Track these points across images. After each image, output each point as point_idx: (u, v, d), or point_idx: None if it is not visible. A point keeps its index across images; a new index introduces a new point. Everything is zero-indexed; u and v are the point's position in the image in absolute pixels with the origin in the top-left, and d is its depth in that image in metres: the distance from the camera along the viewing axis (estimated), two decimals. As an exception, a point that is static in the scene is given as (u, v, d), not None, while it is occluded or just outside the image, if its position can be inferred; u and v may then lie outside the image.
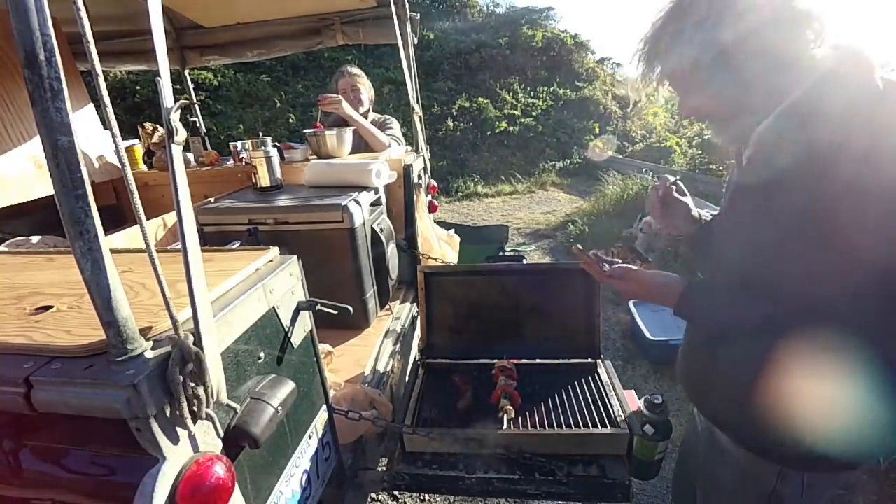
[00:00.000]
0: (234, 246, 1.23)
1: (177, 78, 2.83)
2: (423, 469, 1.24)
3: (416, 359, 1.63)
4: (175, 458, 0.61)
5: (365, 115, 2.71)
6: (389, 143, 2.44)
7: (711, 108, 0.86)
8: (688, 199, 1.13)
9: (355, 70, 2.69)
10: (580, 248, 1.07)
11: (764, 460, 0.91)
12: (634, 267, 1.01)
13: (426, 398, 1.43)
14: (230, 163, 2.42)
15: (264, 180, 1.97)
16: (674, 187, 1.12)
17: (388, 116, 2.71)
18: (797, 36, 0.73)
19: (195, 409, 0.62)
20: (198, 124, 2.74)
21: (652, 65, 0.84)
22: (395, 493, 2.14)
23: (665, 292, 0.92)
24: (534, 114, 10.51)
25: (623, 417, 1.26)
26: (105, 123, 1.22)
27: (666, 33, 0.80)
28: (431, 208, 2.68)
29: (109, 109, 0.53)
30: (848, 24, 0.73)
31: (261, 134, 2.07)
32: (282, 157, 2.16)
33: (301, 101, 9.53)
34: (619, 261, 1.05)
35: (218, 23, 2.77)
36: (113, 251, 0.66)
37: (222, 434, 0.70)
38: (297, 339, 0.97)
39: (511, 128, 10.08)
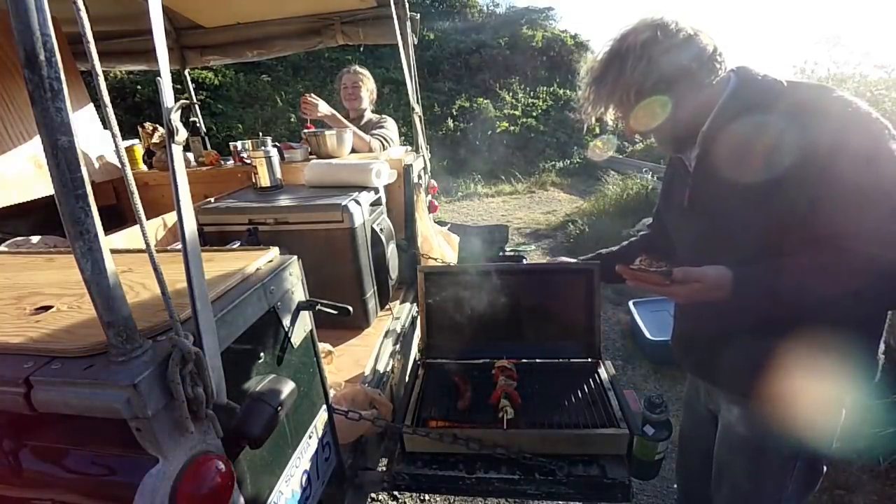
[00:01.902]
0: (234, 246, 1.23)
1: (177, 78, 2.84)
2: (423, 469, 1.24)
3: (416, 359, 1.63)
4: (175, 458, 0.61)
5: (362, 114, 2.71)
6: (370, 140, 2.43)
7: (651, 121, 0.99)
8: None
9: (361, 69, 2.71)
10: (625, 266, 1.00)
11: (787, 432, 1.00)
12: (690, 267, 0.95)
13: (426, 398, 1.43)
14: (230, 163, 2.42)
15: (264, 180, 1.97)
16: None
17: (384, 116, 2.71)
18: (711, 65, 0.93)
19: (195, 409, 0.62)
20: (198, 124, 2.74)
21: (600, 93, 0.98)
22: (395, 493, 2.14)
23: (722, 282, 0.91)
24: (534, 114, 10.51)
25: (623, 417, 1.26)
26: (105, 123, 1.22)
27: (611, 69, 0.95)
28: (431, 208, 2.69)
29: (109, 109, 0.53)
30: (734, 52, 0.97)
31: (261, 134, 2.07)
32: (282, 157, 2.16)
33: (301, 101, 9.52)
34: (664, 265, 0.98)
35: (218, 23, 2.77)
36: (113, 251, 0.66)
37: (222, 434, 0.70)
38: (297, 339, 0.97)
39: (511, 128, 10.09)
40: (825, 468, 1.08)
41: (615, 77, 0.94)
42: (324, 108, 2.38)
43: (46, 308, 0.77)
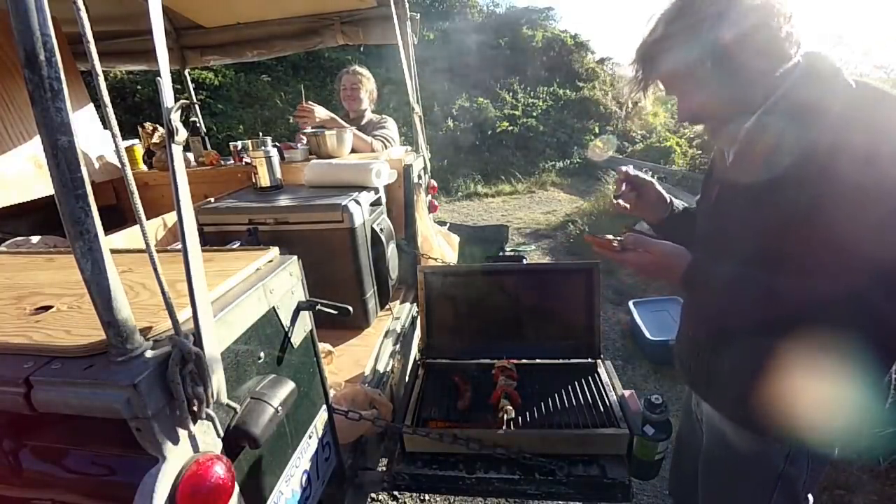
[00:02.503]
0: (234, 246, 1.23)
1: (177, 78, 2.84)
2: (423, 469, 1.24)
3: (416, 359, 1.63)
4: (175, 458, 0.61)
5: (363, 115, 2.71)
6: (372, 142, 2.43)
7: (712, 109, 0.88)
8: (654, 181, 1.15)
9: (361, 69, 2.70)
10: (592, 234, 1.03)
11: (772, 443, 0.94)
12: (643, 236, 0.97)
13: (426, 398, 1.43)
14: (230, 163, 2.42)
15: (264, 180, 1.97)
16: (633, 172, 1.13)
17: (385, 117, 2.71)
18: (783, 37, 0.78)
19: (195, 409, 0.62)
20: (198, 124, 2.74)
21: (650, 67, 0.87)
22: (395, 493, 2.14)
23: (674, 262, 0.91)
24: (534, 114, 10.51)
25: (623, 417, 1.26)
26: (105, 123, 1.22)
27: (666, 35, 0.83)
28: (431, 208, 2.69)
29: (109, 109, 0.53)
30: (807, 30, 0.80)
31: (261, 134, 2.07)
32: (282, 157, 2.16)
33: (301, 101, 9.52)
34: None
35: (218, 23, 2.77)
36: (113, 251, 0.66)
37: (222, 434, 0.70)
38: (297, 339, 0.97)
39: (511, 128, 10.08)
40: (811, 499, 1.00)
41: (671, 41, 0.82)
42: (321, 113, 2.37)
43: (46, 308, 0.77)
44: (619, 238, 0.99)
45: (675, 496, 1.45)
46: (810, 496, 1.00)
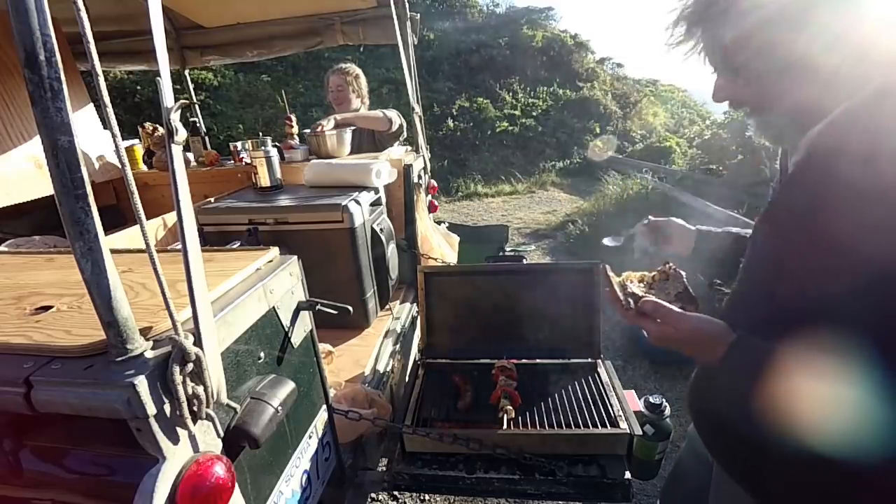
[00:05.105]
0: (234, 246, 1.23)
1: (177, 78, 2.84)
2: (423, 469, 1.24)
3: (416, 359, 1.63)
4: (175, 458, 0.61)
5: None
6: (384, 114, 2.45)
7: (756, 93, 0.72)
8: (672, 219, 1.09)
9: (347, 67, 2.67)
10: (608, 267, 0.87)
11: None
12: (666, 303, 0.78)
13: (426, 398, 1.43)
14: (230, 163, 2.42)
15: (264, 180, 1.97)
16: (648, 220, 1.09)
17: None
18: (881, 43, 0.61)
19: (195, 409, 0.62)
20: (198, 124, 2.74)
21: (694, 30, 0.71)
22: (395, 493, 2.14)
23: (708, 340, 0.72)
24: (534, 114, 10.51)
25: (623, 417, 1.26)
26: (105, 123, 1.22)
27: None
28: (431, 208, 2.68)
29: (109, 109, 0.53)
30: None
31: (261, 134, 2.07)
32: (282, 157, 2.16)
33: (301, 101, 9.54)
34: (647, 294, 0.82)
35: (218, 23, 2.77)
36: (113, 251, 0.66)
37: (222, 434, 0.70)
38: (297, 339, 0.97)
39: (511, 128, 10.09)
40: None
41: (726, 3, 0.66)
42: (331, 125, 2.33)
43: (46, 308, 0.77)
44: (631, 295, 0.81)
45: None
46: None
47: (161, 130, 2.25)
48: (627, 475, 1.19)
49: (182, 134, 0.59)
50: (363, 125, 2.48)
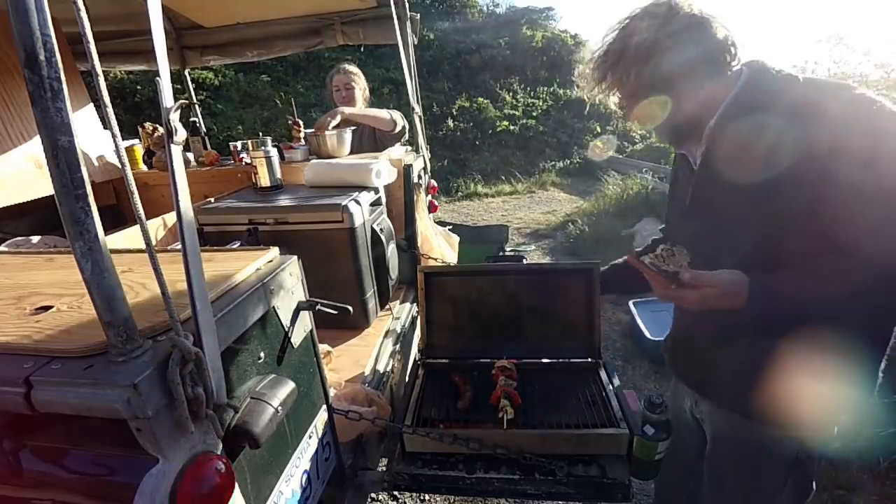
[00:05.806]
0: (234, 246, 1.23)
1: (177, 78, 2.84)
2: (423, 469, 1.24)
3: (416, 359, 1.63)
4: (175, 458, 0.61)
5: None
6: (390, 115, 2.46)
7: (654, 114, 0.97)
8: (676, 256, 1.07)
9: (351, 67, 2.68)
10: (637, 256, 0.95)
11: (785, 433, 0.98)
12: (698, 271, 0.90)
13: (426, 398, 1.43)
14: (230, 163, 2.42)
15: (264, 180, 1.97)
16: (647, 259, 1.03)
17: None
18: (722, 57, 0.90)
19: (195, 409, 0.62)
20: (198, 124, 2.74)
21: (604, 75, 0.96)
22: (395, 493, 2.14)
23: (737, 288, 0.86)
24: (534, 114, 10.52)
25: (623, 417, 1.26)
26: (105, 123, 1.21)
27: (615, 46, 0.93)
28: (431, 208, 2.68)
29: (109, 109, 0.53)
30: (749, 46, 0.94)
31: (261, 134, 2.07)
32: (282, 157, 2.16)
33: (301, 101, 9.54)
34: (676, 267, 0.91)
35: (218, 23, 2.77)
36: (113, 251, 0.66)
37: (222, 434, 0.70)
38: (297, 339, 0.97)
39: (511, 128, 10.09)
40: (814, 487, 1.05)
41: (618, 55, 0.92)
42: (343, 110, 2.34)
43: (46, 308, 0.77)
44: (670, 270, 0.89)
45: (661, 497, 1.45)
46: (814, 483, 1.04)
47: (161, 130, 2.25)
48: (627, 475, 1.19)
49: (182, 134, 0.59)
50: (370, 123, 2.49)
